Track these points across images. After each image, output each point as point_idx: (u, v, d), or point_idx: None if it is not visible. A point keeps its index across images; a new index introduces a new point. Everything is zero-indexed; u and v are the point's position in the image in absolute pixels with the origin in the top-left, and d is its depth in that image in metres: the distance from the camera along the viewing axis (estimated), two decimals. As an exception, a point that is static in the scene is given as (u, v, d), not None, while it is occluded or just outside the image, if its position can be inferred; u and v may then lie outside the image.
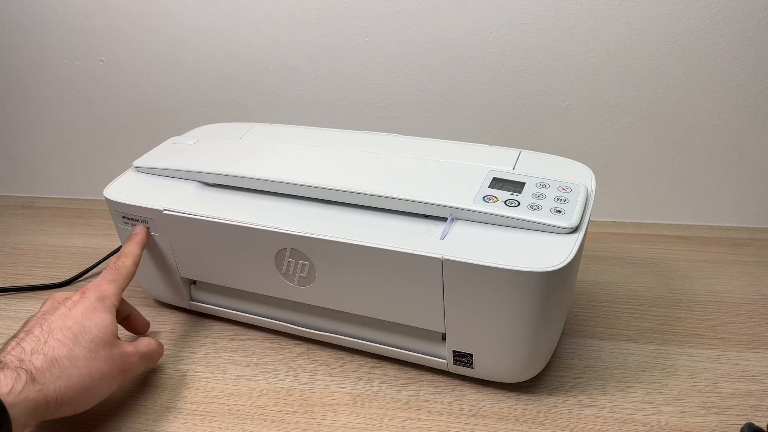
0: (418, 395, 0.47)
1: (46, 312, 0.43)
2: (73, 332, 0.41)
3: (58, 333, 0.40)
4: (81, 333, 0.41)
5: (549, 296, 0.41)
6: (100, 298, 0.44)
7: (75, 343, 0.40)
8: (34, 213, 0.81)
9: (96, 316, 0.43)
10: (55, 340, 0.40)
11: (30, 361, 0.38)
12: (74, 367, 0.39)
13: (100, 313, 0.43)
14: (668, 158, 0.69)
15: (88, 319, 0.42)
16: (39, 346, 0.39)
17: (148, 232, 0.51)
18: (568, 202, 0.44)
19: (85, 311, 0.43)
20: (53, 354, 0.39)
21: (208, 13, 0.70)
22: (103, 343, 0.42)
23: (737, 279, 0.60)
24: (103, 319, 0.43)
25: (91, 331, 0.41)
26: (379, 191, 0.46)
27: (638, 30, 0.63)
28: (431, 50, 0.67)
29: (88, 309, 0.43)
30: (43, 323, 0.41)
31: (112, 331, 0.43)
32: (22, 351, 0.39)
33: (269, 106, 0.74)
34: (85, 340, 0.41)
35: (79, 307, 0.43)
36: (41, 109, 0.80)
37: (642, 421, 0.44)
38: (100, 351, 0.41)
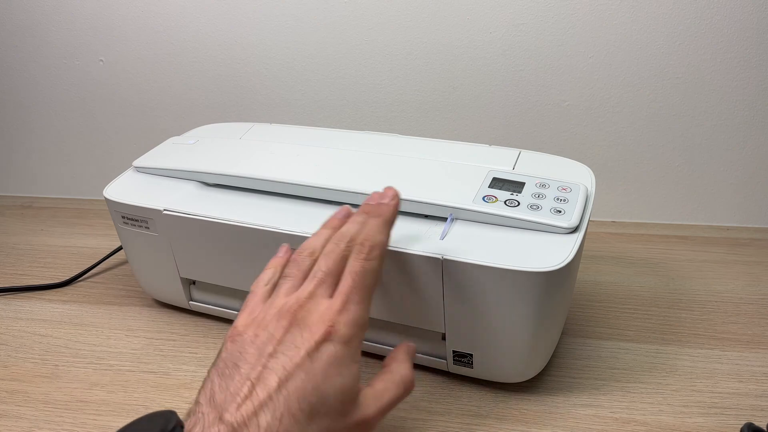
0: (418, 395, 0.47)
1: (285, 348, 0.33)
2: (309, 404, 0.32)
3: (294, 403, 0.31)
4: (317, 405, 0.32)
5: (549, 296, 0.41)
6: (348, 340, 0.34)
7: (309, 420, 0.31)
8: (33, 213, 0.81)
9: (339, 376, 0.33)
10: (290, 415, 0.31)
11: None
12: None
13: (344, 369, 0.33)
14: (668, 158, 0.69)
15: (329, 380, 0.32)
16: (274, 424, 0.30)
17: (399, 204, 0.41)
18: (568, 202, 0.44)
19: (328, 368, 0.33)
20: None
21: (208, 13, 0.70)
22: (338, 415, 0.33)
23: (737, 279, 0.60)
24: (345, 381, 0.33)
25: (329, 401, 0.32)
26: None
27: (638, 30, 0.63)
28: (431, 50, 0.67)
29: (332, 363, 0.33)
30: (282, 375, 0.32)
31: (351, 396, 0.34)
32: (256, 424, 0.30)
33: (269, 106, 0.74)
34: (320, 414, 0.32)
35: (322, 357, 0.33)
36: (41, 109, 0.80)
37: (642, 421, 0.44)
38: (334, 427, 0.33)
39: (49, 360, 0.52)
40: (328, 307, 0.35)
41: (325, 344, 0.33)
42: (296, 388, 0.32)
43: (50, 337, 0.55)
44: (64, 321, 0.58)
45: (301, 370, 0.32)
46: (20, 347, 0.54)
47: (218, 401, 0.31)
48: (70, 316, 0.58)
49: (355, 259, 0.37)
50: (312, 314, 0.35)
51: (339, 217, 0.42)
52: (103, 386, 0.49)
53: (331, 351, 0.33)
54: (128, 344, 0.54)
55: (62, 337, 0.55)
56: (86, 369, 0.51)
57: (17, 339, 0.55)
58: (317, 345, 0.33)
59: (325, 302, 0.35)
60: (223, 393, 0.32)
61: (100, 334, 0.56)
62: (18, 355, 0.53)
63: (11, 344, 0.54)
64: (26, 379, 0.50)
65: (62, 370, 0.51)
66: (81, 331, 0.56)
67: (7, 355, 0.53)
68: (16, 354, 0.53)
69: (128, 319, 0.57)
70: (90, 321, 0.57)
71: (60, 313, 0.59)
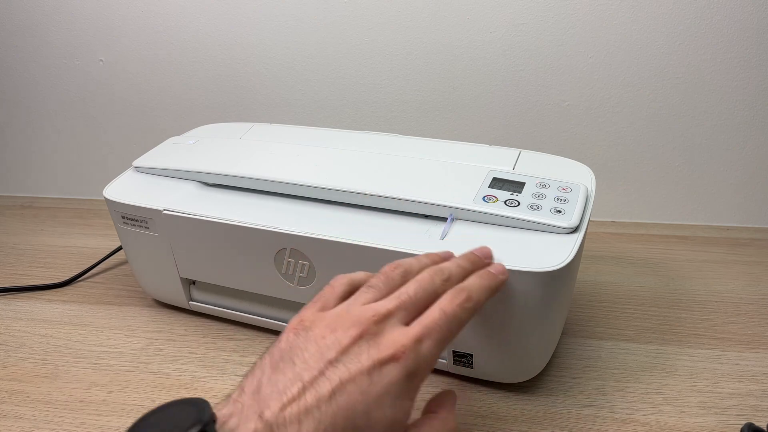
0: (418, 395, 0.47)
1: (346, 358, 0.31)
2: (354, 425, 0.30)
3: (340, 420, 0.29)
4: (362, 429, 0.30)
5: (549, 296, 0.41)
6: (413, 373, 0.32)
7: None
8: (33, 213, 0.81)
9: (391, 406, 0.31)
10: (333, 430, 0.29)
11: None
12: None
13: (399, 402, 0.31)
14: (668, 158, 0.69)
15: (381, 408, 0.30)
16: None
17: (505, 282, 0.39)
18: (568, 202, 0.44)
19: (385, 394, 0.31)
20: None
21: (208, 13, 0.70)
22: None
23: (737, 279, 0.60)
24: (396, 414, 0.31)
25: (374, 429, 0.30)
26: (379, 191, 0.46)
27: (638, 30, 0.63)
28: (431, 50, 0.67)
29: (390, 391, 0.31)
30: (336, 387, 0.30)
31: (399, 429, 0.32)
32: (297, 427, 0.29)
33: (269, 106, 0.74)
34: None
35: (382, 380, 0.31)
36: (41, 109, 0.80)
37: (642, 421, 0.44)
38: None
39: (49, 360, 0.52)
40: (404, 332, 0.33)
41: (388, 366, 0.31)
42: (347, 405, 0.30)
43: (50, 337, 0.55)
44: (64, 321, 0.58)
45: (357, 386, 0.30)
46: (20, 347, 0.54)
47: (263, 395, 0.30)
48: (70, 316, 0.58)
49: (450, 301, 0.35)
50: (385, 333, 0.33)
51: (443, 256, 0.40)
52: (103, 386, 0.49)
53: (393, 377, 0.31)
54: (128, 344, 0.54)
55: (62, 337, 0.55)
56: (86, 369, 0.51)
57: (17, 339, 0.55)
58: (381, 365, 0.31)
59: (402, 327, 0.33)
60: (271, 387, 0.30)
61: (100, 334, 0.56)
62: (18, 355, 0.53)
63: (11, 344, 0.54)
64: (26, 379, 0.50)
65: (62, 370, 0.51)
66: (81, 331, 0.56)
67: (7, 355, 0.53)
68: (16, 354, 0.53)
69: (128, 319, 0.57)
70: (90, 321, 0.57)
71: (60, 313, 0.59)
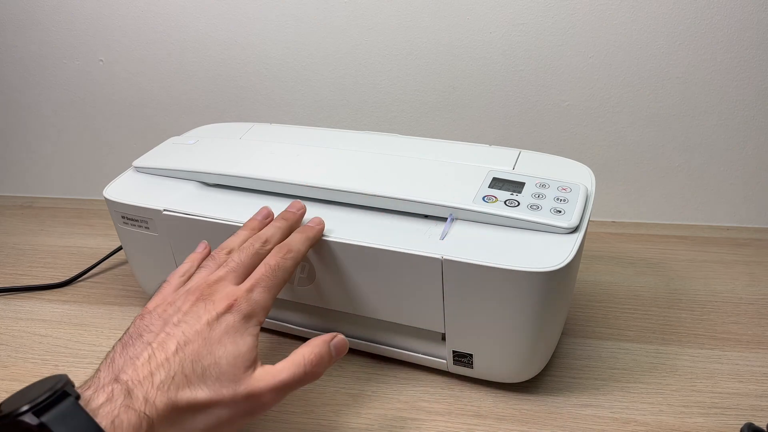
0: (418, 395, 0.47)
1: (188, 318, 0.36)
2: (203, 366, 0.34)
3: (188, 365, 0.34)
4: (210, 368, 0.34)
5: (549, 296, 0.41)
6: (248, 315, 0.37)
7: (201, 383, 0.33)
8: (34, 213, 0.81)
9: (233, 343, 0.35)
10: (184, 375, 0.33)
11: (154, 403, 0.32)
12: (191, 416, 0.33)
13: (239, 338, 0.36)
14: (668, 158, 0.69)
15: (222, 347, 0.35)
16: (167, 380, 0.33)
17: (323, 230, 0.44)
18: (567, 202, 0.44)
19: (224, 335, 0.35)
20: (177, 397, 0.32)
21: (207, 13, 0.70)
22: (229, 381, 0.34)
23: (737, 279, 0.60)
24: (238, 348, 0.35)
25: (221, 365, 0.34)
26: (379, 191, 0.46)
27: (638, 30, 0.63)
28: (431, 50, 0.67)
29: (229, 332, 0.36)
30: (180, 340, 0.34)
31: (244, 363, 0.35)
32: (150, 381, 0.32)
33: (269, 106, 0.74)
34: (212, 377, 0.34)
35: (220, 327, 0.36)
36: (41, 109, 0.80)
37: (642, 421, 0.44)
38: (224, 393, 0.34)
39: (49, 360, 0.52)
40: (237, 288, 0.38)
41: (225, 316, 0.36)
42: (192, 352, 0.34)
43: (50, 337, 0.55)
44: (64, 321, 0.58)
45: (200, 336, 0.35)
46: (20, 347, 0.54)
47: (117, 365, 0.33)
48: (70, 316, 0.58)
49: (273, 255, 0.40)
50: (219, 292, 0.38)
51: (258, 219, 0.45)
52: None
53: (230, 321, 0.36)
54: (128, 344, 0.54)
55: (62, 337, 0.55)
56: (86, 369, 0.51)
57: (17, 339, 0.55)
58: (218, 316, 0.36)
59: (234, 285, 0.38)
60: (123, 358, 0.34)
61: (100, 334, 0.56)
62: (18, 355, 0.53)
63: (11, 344, 0.54)
64: (26, 379, 0.50)
65: (62, 370, 0.51)
66: (81, 331, 0.56)
67: (7, 355, 0.53)
68: (16, 354, 0.53)
69: (128, 319, 0.57)
70: (90, 321, 0.57)
71: (60, 313, 0.59)
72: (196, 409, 0.33)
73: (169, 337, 0.35)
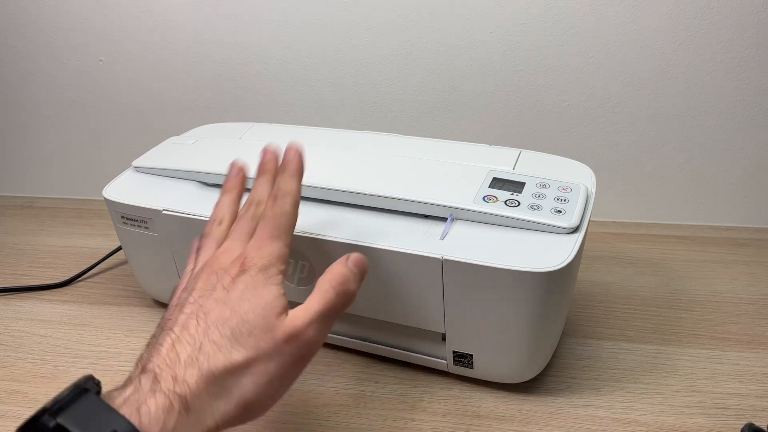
0: (418, 395, 0.47)
1: (202, 293, 0.34)
2: (230, 328, 0.32)
3: (213, 332, 0.32)
4: (239, 326, 0.32)
5: (549, 296, 0.41)
6: (264, 267, 0.34)
7: (233, 343, 0.31)
8: (34, 213, 0.81)
9: (255, 296, 0.33)
10: (211, 342, 0.31)
11: (184, 380, 0.30)
12: (235, 381, 0.31)
13: (261, 290, 0.33)
14: (668, 158, 0.69)
15: (246, 302, 0.33)
16: (194, 354, 0.31)
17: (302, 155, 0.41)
18: (568, 202, 0.44)
19: (244, 292, 0.33)
20: (209, 366, 0.30)
21: (207, 13, 0.70)
22: (263, 332, 0.32)
23: (737, 279, 0.60)
24: (263, 299, 0.33)
25: (249, 319, 0.32)
26: (379, 191, 0.46)
27: (638, 30, 0.63)
28: (431, 50, 0.67)
29: (247, 288, 0.33)
30: (200, 314, 0.33)
31: (274, 311, 0.33)
32: (176, 360, 0.30)
33: (269, 106, 0.74)
34: (243, 335, 0.32)
35: (238, 287, 0.34)
36: (40, 109, 0.80)
37: (642, 421, 0.44)
38: (262, 345, 0.32)
39: (48, 360, 0.52)
40: (243, 249, 0.36)
41: (240, 276, 0.34)
42: (215, 318, 0.32)
43: (50, 337, 0.55)
44: (64, 321, 0.58)
45: (219, 302, 0.33)
46: (20, 347, 0.54)
47: (143, 359, 0.32)
48: (70, 316, 0.58)
49: (268, 208, 0.38)
50: (227, 259, 0.36)
51: (233, 176, 0.43)
52: (103, 386, 0.49)
53: (247, 279, 0.34)
54: (128, 344, 0.54)
55: (62, 337, 0.55)
56: (86, 369, 0.51)
57: (17, 339, 0.55)
58: (233, 279, 0.34)
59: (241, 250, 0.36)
60: (149, 352, 0.32)
61: (100, 334, 0.56)
62: (18, 355, 0.53)
63: (11, 344, 0.54)
64: (26, 379, 0.50)
65: (62, 370, 0.51)
66: (81, 331, 0.56)
67: (7, 355, 0.53)
68: (16, 354, 0.53)
69: (128, 319, 0.57)
70: (90, 321, 0.57)
71: (60, 313, 0.59)
72: (237, 373, 0.31)
73: (189, 316, 0.33)
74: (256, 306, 0.33)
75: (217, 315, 0.32)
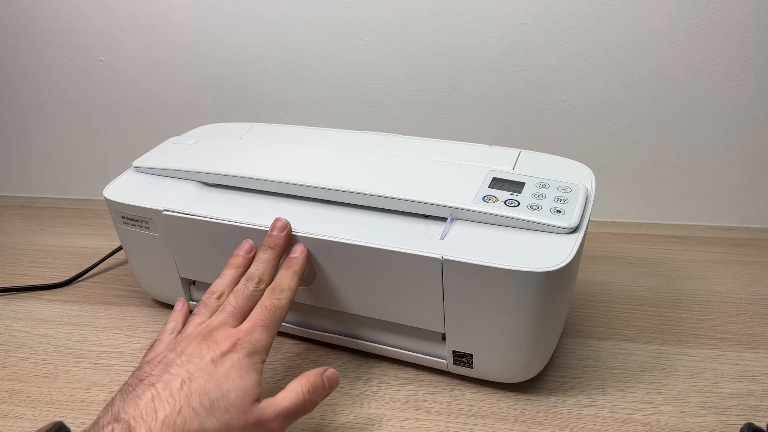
0: (418, 395, 0.47)
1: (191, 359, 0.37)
2: (210, 399, 0.35)
3: (195, 399, 0.34)
4: (218, 400, 0.35)
5: (549, 296, 0.41)
6: (251, 353, 0.38)
7: (209, 413, 0.34)
8: (34, 213, 0.81)
9: (239, 377, 0.36)
10: (190, 408, 0.34)
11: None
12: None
13: (245, 374, 0.37)
14: (668, 158, 0.69)
15: (230, 381, 0.36)
16: (173, 415, 0.33)
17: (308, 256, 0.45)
18: (567, 202, 0.44)
19: (230, 371, 0.36)
20: (183, 430, 0.33)
21: (207, 13, 0.70)
22: (238, 412, 0.35)
23: (737, 279, 0.60)
24: (245, 382, 0.36)
25: (229, 397, 0.35)
26: (379, 191, 0.46)
27: (638, 30, 0.63)
28: (431, 50, 0.67)
29: (234, 368, 0.37)
30: (185, 378, 0.35)
31: (251, 396, 0.36)
32: (153, 416, 0.33)
33: (269, 106, 0.74)
34: (220, 409, 0.35)
35: (226, 364, 0.37)
36: (41, 109, 0.80)
37: (642, 421, 0.44)
38: (234, 424, 0.35)
39: (49, 360, 0.52)
40: (237, 329, 0.39)
41: (229, 355, 0.37)
42: (198, 387, 0.35)
43: (50, 337, 0.55)
44: (64, 321, 0.58)
45: (204, 373, 0.36)
46: (20, 347, 0.54)
47: (116, 407, 0.34)
48: (70, 316, 0.58)
49: (268, 297, 0.42)
50: (221, 334, 0.39)
51: (241, 255, 0.45)
52: (103, 386, 0.49)
53: (235, 359, 0.37)
54: (128, 344, 0.54)
55: (62, 337, 0.55)
56: (86, 369, 0.51)
57: (17, 339, 0.55)
58: (222, 354, 0.37)
59: (234, 328, 0.39)
60: (123, 401, 0.34)
61: (100, 334, 0.56)
62: (18, 355, 0.53)
63: (11, 344, 0.54)
64: (26, 379, 0.50)
65: (62, 370, 0.51)
66: (81, 331, 0.56)
67: (7, 355, 0.53)
68: (16, 354, 0.53)
69: (128, 319, 0.58)
70: (90, 321, 0.57)
71: (60, 313, 0.59)
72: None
73: (173, 376, 0.35)
74: (238, 387, 0.36)
75: (201, 384, 0.35)
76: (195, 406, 0.34)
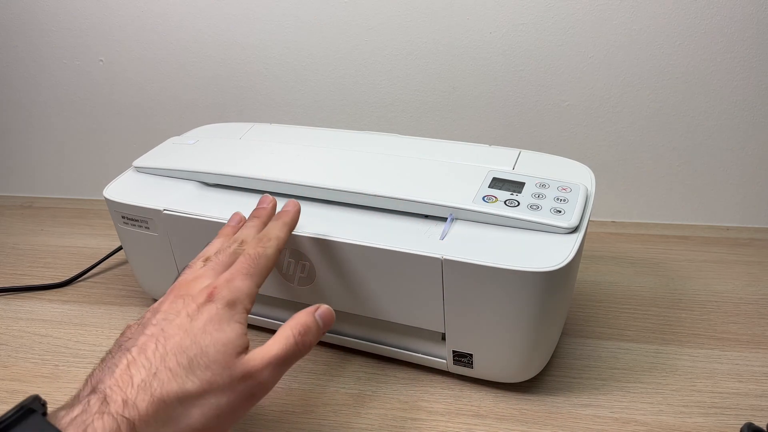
0: (418, 395, 0.47)
1: (166, 315, 0.34)
2: (188, 357, 0.32)
3: (171, 358, 0.32)
4: (197, 358, 0.32)
5: (549, 296, 0.41)
6: (230, 303, 0.35)
7: (189, 372, 0.32)
8: (33, 213, 0.81)
9: (218, 330, 0.33)
10: (167, 369, 0.31)
11: (135, 404, 0.30)
12: (184, 410, 0.31)
13: (225, 325, 0.34)
14: (668, 158, 0.69)
15: (208, 335, 0.33)
16: (148, 378, 0.31)
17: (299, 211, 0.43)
18: (567, 202, 0.44)
19: (207, 324, 0.33)
20: (161, 393, 0.30)
21: (207, 13, 0.70)
22: (221, 368, 0.32)
23: (737, 279, 0.60)
24: (226, 335, 0.33)
25: (209, 353, 0.32)
26: (379, 191, 0.46)
27: (638, 30, 0.63)
28: (431, 50, 0.67)
29: (211, 321, 0.34)
30: (160, 338, 0.33)
31: (234, 349, 0.33)
32: (129, 383, 0.30)
33: (269, 106, 0.74)
34: (200, 367, 0.32)
35: (202, 316, 0.34)
36: (41, 110, 0.80)
37: (642, 421, 0.44)
38: (218, 380, 0.32)
39: (49, 360, 0.52)
40: (214, 280, 0.36)
41: (205, 306, 0.34)
42: (174, 345, 0.32)
43: (50, 337, 0.55)
44: (64, 321, 0.58)
45: (179, 329, 0.33)
46: (20, 347, 0.54)
47: (95, 378, 0.32)
48: (70, 316, 0.58)
49: (253, 246, 0.39)
50: (197, 287, 0.36)
51: (232, 225, 0.44)
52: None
53: (212, 310, 0.34)
54: (128, 344, 0.54)
55: (62, 337, 0.55)
56: (86, 369, 0.51)
57: (17, 339, 0.55)
58: (198, 307, 0.34)
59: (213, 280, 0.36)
60: (101, 370, 0.32)
61: (100, 334, 0.56)
62: (18, 355, 0.53)
63: (11, 344, 0.54)
64: (26, 379, 0.50)
65: (62, 370, 0.51)
66: (81, 331, 0.56)
67: (7, 355, 0.53)
68: (16, 354, 0.53)
69: (128, 319, 0.57)
70: (90, 321, 0.58)
71: (60, 313, 0.59)
72: (188, 403, 0.31)
73: (148, 338, 0.33)
74: (218, 341, 0.33)
75: (177, 342, 0.33)
76: (172, 366, 0.31)
